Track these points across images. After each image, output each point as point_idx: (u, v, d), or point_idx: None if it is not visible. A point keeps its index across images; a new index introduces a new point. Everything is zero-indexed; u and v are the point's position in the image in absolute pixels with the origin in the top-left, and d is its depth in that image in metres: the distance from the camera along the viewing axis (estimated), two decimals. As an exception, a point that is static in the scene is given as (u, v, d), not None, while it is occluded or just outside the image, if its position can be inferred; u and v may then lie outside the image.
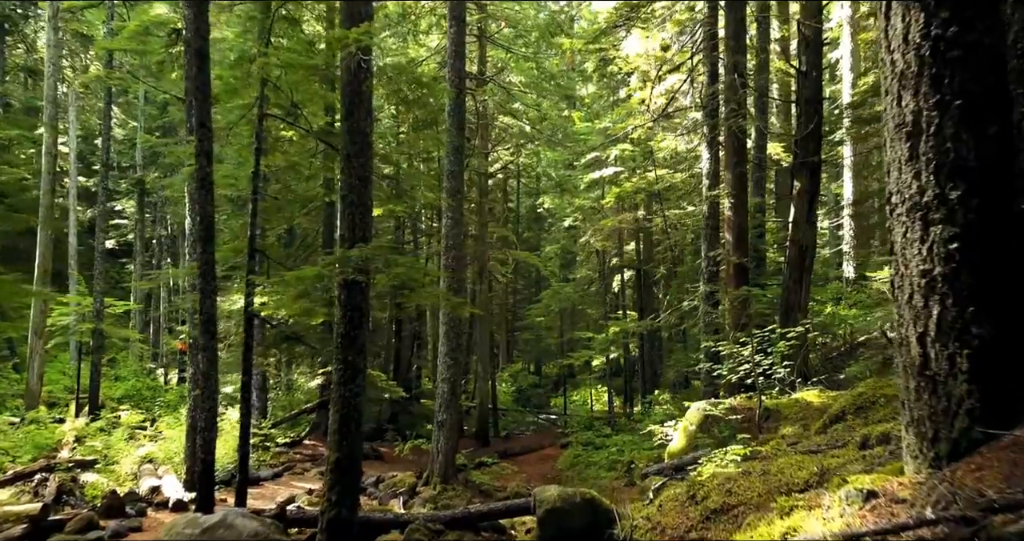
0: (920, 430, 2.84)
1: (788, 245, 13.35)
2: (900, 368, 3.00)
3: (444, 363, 14.65)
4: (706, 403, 9.10)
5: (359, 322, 7.31)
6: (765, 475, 3.94)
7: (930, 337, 2.80)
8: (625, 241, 27.27)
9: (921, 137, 2.86)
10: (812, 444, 5.08)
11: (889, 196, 3.04)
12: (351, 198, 7.43)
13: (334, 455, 7.13)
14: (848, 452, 4.05)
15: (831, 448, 4.63)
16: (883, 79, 3.10)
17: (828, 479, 3.47)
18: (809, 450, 4.74)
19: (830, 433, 5.58)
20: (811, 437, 6.07)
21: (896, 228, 2.99)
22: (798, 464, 3.95)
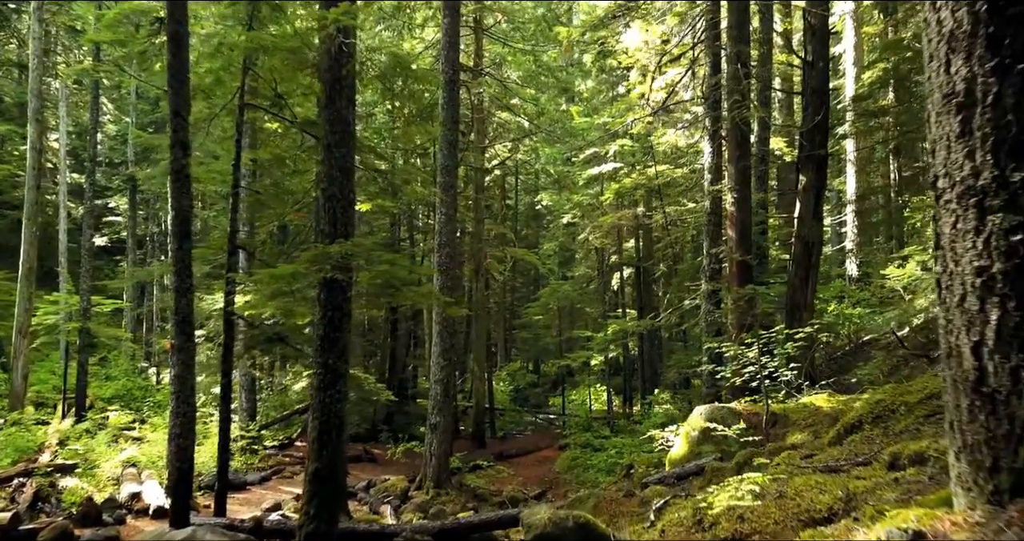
0: (975, 457, 2.38)
1: (793, 242, 12.88)
2: (948, 383, 2.54)
3: (437, 364, 14.20)
4: (710, 408, 8.64)
5: (340, 323, 6.86)
6: (781, 499, 3.49)
7: (987, 347, 2.34)
8: (624, 238, 26.81)
9: (975, 109, 2.39)
10: (829, 459, 4.62)
11: (934, 180, 2.58)
12: (332, 191, 6.97)
13: (313, 465, 6.67)
14: (875, 472, 3.60)
15: (852, 465, 4.17)
16: (926, 43, 2.64)
17: (856, 507, 3.02)
18: (828, 467, 4.28)
19: (847, 445, 5.12)
20: (825, 448, 5.61)
21: (943, 217, 2.52)
22: (819, 486, 3.50)
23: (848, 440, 5.29)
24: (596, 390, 30.30)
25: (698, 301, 13.35)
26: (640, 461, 15.11)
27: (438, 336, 14.24)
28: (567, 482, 16.82)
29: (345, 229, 6.93)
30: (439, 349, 14.20)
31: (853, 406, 7.62)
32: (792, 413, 8.29)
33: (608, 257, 27.10)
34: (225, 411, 8.85)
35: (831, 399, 8.52)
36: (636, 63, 17.60)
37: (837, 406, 8.05)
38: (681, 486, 7.49)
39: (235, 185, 9.15)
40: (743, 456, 7.00)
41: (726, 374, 9.65)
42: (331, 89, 7.08)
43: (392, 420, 24.34)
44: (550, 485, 16.75)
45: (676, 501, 4.81)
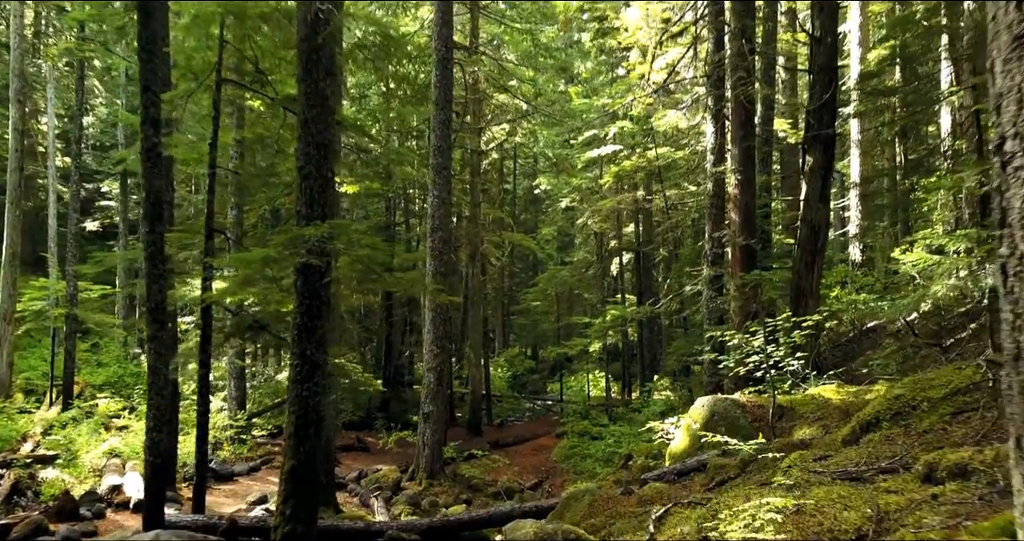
0: (1051, 484, 1.93)
1: (799, 225, 12.40)
2: (1011, 389, 2.09)
3: (430, 351, 13.78)
4: (712, 400, 8.21)
5: (318, 311, 6.40)
6: (799, 515, 3.05)
7: (1069, 348, 1.88)
8: (624, 223, 26.31)
9: (1056, 52, 1.92)
10: (848, 462, 4.18)
11: (999, 143, 2.11)
12: (308, 169, 6.49)
13: (289, 462, 6.25)
14: (907, 485, 3.15)
15: (876, 471, 3.73)
16: (988, -24, 2.16)
17: (891, 530, 2.57)
18: (848, 473, 3.84)
19: (865, 446, 4.68)
20: (839, 448, 5.17)
21: (1012, 188, 2.06)
22: (842, 500, 3.06)
23: (865, 440, 4.85)
24: (595, 376, 29.94)
25: (699, 287, 12.90)
26: (639, 451, 14.72)
27: (431, 323, 13.80)
28: (564, 471, 16.45)
29: (323, 210, 6.45)
30: (432, 336, 13.77)
31: (865, 399, 7.19)
32: (799, 405, 7.86)
33: (607, 242, 26.60)
34: (203, 404, 8.41)
35: (840, 391, 8.09)
36: (636, 43, 17.04)
37: (847, 398, 7.62)
38: (682, 483, 7.08)
39: (211, 165, 8.66)
40: (748, 453, 6.58)
41: (729, 363, 9.21)
42: (307, 60, 6.58)
43: (388, 407, 23.99)
44: (546, 475, 16.39)
45: (678, 510, 4.37)
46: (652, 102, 19.12)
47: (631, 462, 14.89)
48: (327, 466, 10.85)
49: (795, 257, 12.41)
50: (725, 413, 7.93)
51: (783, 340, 8.23)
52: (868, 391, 7.63)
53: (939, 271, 7.96)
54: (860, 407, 6.92)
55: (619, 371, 28.07)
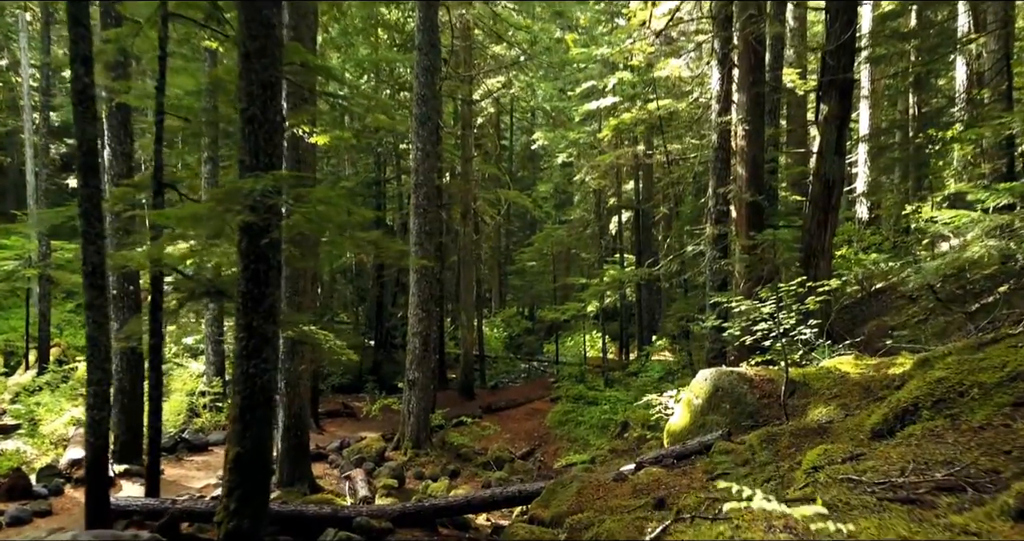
0: None
1: (810, 180, 11.50)
2: None
3: (415, 315, 12.99)
4: (716, 373, 7.42)
5: (266, 277, 5.55)
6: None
7: None
8: (624, 179, 25.31)
9: None
10: (889, 467, 3.36)
11: None
12: (252, 112, 5.56)
13: (234, 450, 5.47)
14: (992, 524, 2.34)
15: (931, 486, 2.93)
16: None
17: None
18: (894, 487, 3.03)
19: (904, 441, 3.87)
20: (869, 440, 4.37)
21: None
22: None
23: (904, 434, 4.04)
24: (592, 336, 29.27)
25: (702, 247, 12.03)
26: (635, 419, 14.07)
27: (416, 285, 12.98)
28: (557, 438, 15.83)
29: (270, 160, 5.54)
30: (417, 299, 12.97)
31: (889, 374, 6.39)
32: (813, 380, 7.07)
33: (606, 199, 25.62)
34: (155, 377, 7.63)
35: (858, 363, 7.29)
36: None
37: (867, 373, 6.82)
38: (682, 468, 6.32)
39: (159, 112, 7.70)
40: (757, 436, 5.80)
41: (734, 331, 8.40)
42: (248, -18, 5.59)
43: (380, 369, 23.37)
44: (539, 442, 15.77)
45: (678, 528, 3.58)
46: (653, 51, 17.98)
47: (627, 432, 14.28)
48: (301, 439, 10.14)
49: (806, 215, 11.53)
50: (730, 388, 7.15)
51: (795, 307, 7.40)
52: (891, 364, 6.83)
53: (978, 230, 7.09)
54: (884, 384, 6.13)
55: (617, 331, 27.35)
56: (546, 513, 6.11)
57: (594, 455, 12.57)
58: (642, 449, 11.36)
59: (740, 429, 6.80)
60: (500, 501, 7.03)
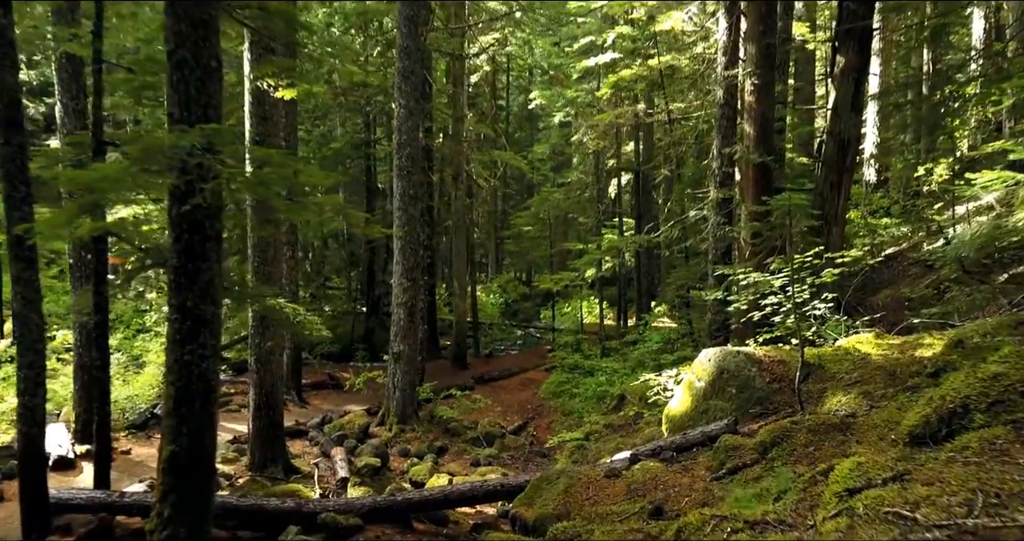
0: None
1: (824, 139, 10.64)
2: None
3: (400, 285, 12.24)
4: (721, 353, 6.68)
5: (203, 250, 4.77)
6: None
7: None
8: (623, 140, 24.34)
9: None
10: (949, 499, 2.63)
11: None
12: (181, 54, 4.72)
13: (168, 448, 4.76)
14: None
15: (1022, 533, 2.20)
16: None
17: None
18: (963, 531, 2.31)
19: (956, 456, 3.14)
20: (907, 445, 3.64)
21: None
22: None
23: (956, 445, 3.30)
24: (590, 302, 28.59)
25: (705, 212, 11.22)
26: (632, 391, 13.41)
27: (400, 253, 12.20)
28: (551, 411, 15.22)
29: (204, 112, 4.72)
30: (402, 267, 12.20)
31: (916, 356, 5.65)
32: (830, 362, 6.34)
33: (605, 161, 24.66)
34: (101, 357, 6.92)
35: (880, 342, 6.55)
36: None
37: (891, 354, 6.09)
38: (682, 463, 5.63)
39: (96, 60, 6.83)
40: (769, 431, 5.08)
41: (740, 305, 7.63)
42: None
43: (372, 336, 22.66)
44: (533, 414, 15.15)
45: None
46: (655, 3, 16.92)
47: (624, 405, 13.64)
48: (273, 418, 9.49)
49: (818, 177, 10.71)
50: (736, 371, 6.42)
51: (809, 279, 6.62)
52: (917, 344, 6.09)
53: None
54: (913, 369, 5.39)
55: (615, 297, 26.61)
56: (529, 513, 5.44)
57: (589, 431, 11.94)
58: (639, 426, 10.72)
59: (748, 417, 6.09)
60: (480, 496, 6.36)
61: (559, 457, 11.55)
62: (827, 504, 3.12)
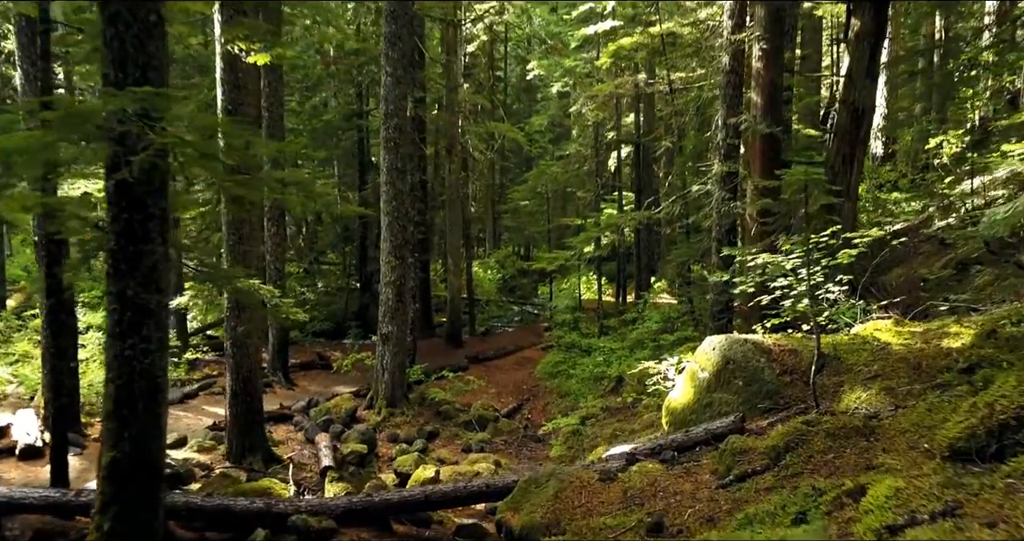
0: None
1: (836, 108, 10.01)
2: None
3: (387, 263, 11.69)
4: (727, 342, 6.14)
5: (145, 231, 4.21)
6: None
7: None
8: (624, 112, 23.59)
9: None
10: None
11: None
12: (115, 8, 4.11)
13: (108, 454, 4.24)
14: None
15: None
16: None
17: None
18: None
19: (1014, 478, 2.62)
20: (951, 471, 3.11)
21: None
22: None
23: (1015, 470, 2.77)
24: (588, 277, 28.05)
25: (708, 186, 10.62)
26: (631, 374, 12.94)
27: (387, 229, 11.62)
28: (547, 392, 14.77)
29: (142, 73, 4.12)
30: (389, 245, 11.64)
31: (942, 347, 5.11)
32: (846, 352, 5.80)
33: (604, 133, 23.92)
34: (58, 343, 6.40)
35: (900, 330, 6.01)
36: None
37: (914, 344, 5.56)
38: (684, 465, 5.12)
39: (44, 21, 6.20)
40: (782, 433, 4.56)
41: (745, 287, 7.05)
42: None
43: (366, 313, 22.11)
44: (528, 396, 14.71)
45: None
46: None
47: (622, 388, 13.16)
48: (251, 405, 8.99)
49: (829, 149, 10.10)
50: (744, 361, 5.89)
51: (824, 261, 6.05)
52: (942, 333, 5.55)
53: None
54: (941, 363, 4.86)
55: (613, 272, 26.04)
56: (516, 520, 4.95)
57: (585, 415, 11.48)
58: (637, 410, 10.24)
59: (756, 413, 5.58)
60: (464, 497, 5.86)
61: (554, 443, 11.10)
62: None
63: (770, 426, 5.26)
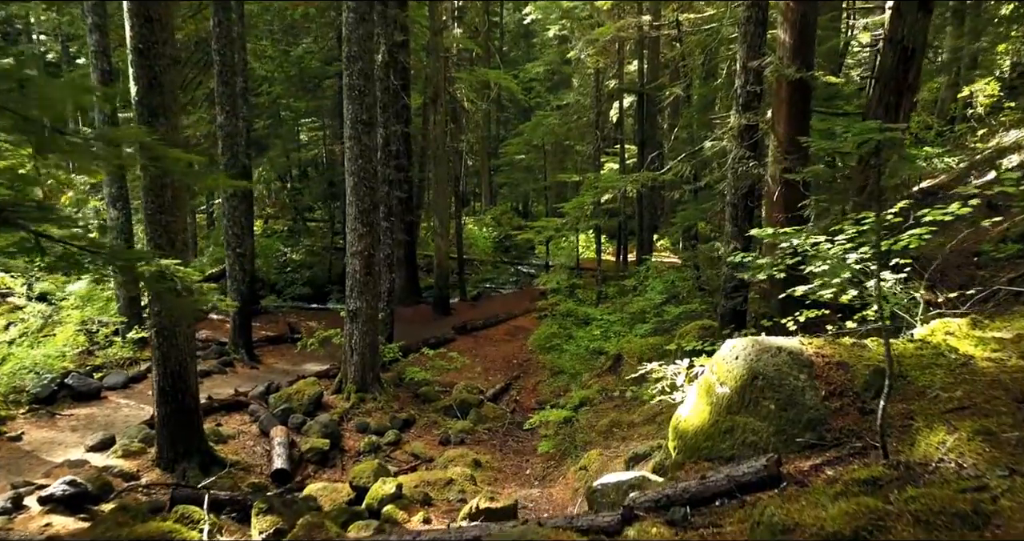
0: None
1: (880, 48, 8.42)
2: None
3: (354, 231, 10.26)
4: (755, 348, 4.71)
5: None
6: None
7: None
8: (626, 59, 21.76)
9: None
10: None
11: None
12: None
13: None
14: None
15: None
16: None
17: None
18: None
19: None
20: None
21: None
22: None
23: None
24: (587, 235, 26.58)
25: (724, 142, 9.07)
26: (630, 351, 11.60)
27: (352, 192, 10.14)
28: (539, 368, 13.47)
29: None
30: (356, 210, 10.17)
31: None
32: (913, 368, 4.40)
33: (605, 82, 22.11)
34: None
35: (982, 335, 4.61)
36: None
37: (1008, 359, 4.16)
38: (699, 531, 3.76)
39: None
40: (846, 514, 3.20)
41: (773, 269, 5.61)
42: None
43: (350, 277, 20.76)
44: (518, 373, 13.42)
45: None
46: None
47: (620, 367, 11.84)
48: (183, 402, 7.65)
49: (869, 97, 8.55)
50: (777, 377, 4.50)
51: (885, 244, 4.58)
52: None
53: None
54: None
55: (614, 228, 24.50)
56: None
57: (580, 397, 10.18)
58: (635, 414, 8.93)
59: (794, 448, 4.22)
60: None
61: (543, 433, 9.84)
62: None
63: (815, 471, 3.91)
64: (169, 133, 6.75)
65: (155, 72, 7.01)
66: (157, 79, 7.03)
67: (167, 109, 7.13)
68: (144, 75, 6.98)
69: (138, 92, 7.00)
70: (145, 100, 7.01)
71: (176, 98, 7.31)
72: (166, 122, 7.09)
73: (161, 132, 6.65)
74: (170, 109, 7.18)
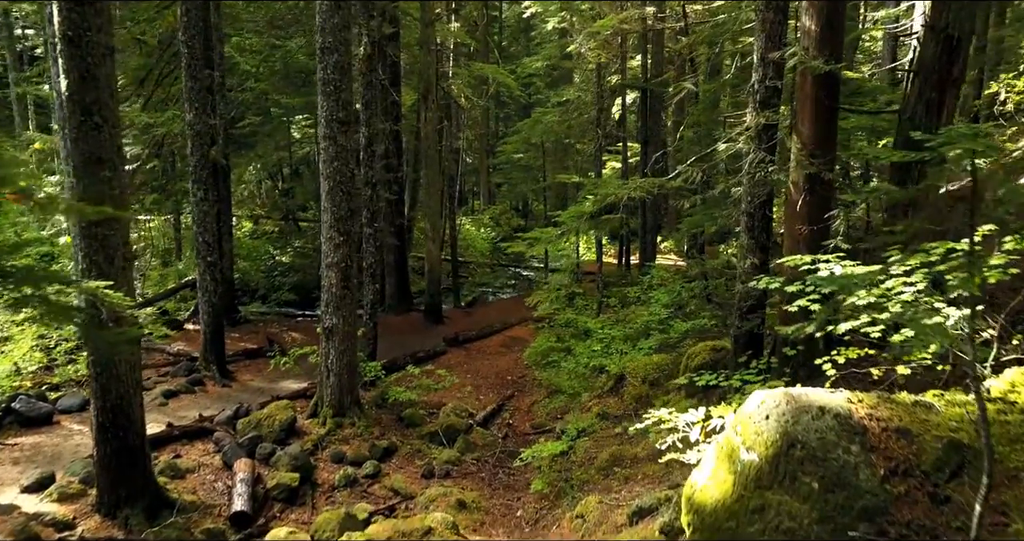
0: None
1: (919, 37, 7.48)
2: None
3: (329, 240, 9.34)
4: (792, 406, 3.77)
5: None
6: None
7: None
8: (629, 53, 20.78)
9: None
10: None
11: None
12: None
13: None
14: None
15: None
16: None
17: None
18: None
19: None
20: None
21: None
22: None
23: None
24: (588, 237, 25.63)
25: (740, 144, 8.12)
26: (633, 371, 10.68)
27: (328, 197, 9.21)
28: (535, 386, 12.55)
29: None
30: (331, 217, 9.24)
31: None
32: (995, 437, 3.45)
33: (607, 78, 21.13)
34: None
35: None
36: None
37: None
38: None
39: None
40: None
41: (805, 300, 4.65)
42: None
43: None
44: (512, 392, 12.49)
45: None
46: None
47: (622, 388, 10.91)
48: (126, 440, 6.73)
49: (905, 93, 7.61)
50: (821, 448, 3.56)
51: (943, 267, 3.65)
52: None
53: None
54: None
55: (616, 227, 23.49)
56: None
57: (577, 431, 9.22)
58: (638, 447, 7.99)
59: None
60: None
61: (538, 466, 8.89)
62: None
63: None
64: (105, 132, 5.84)
65: (88, 63, 6.09)
66: (91, 71, 6.12)
67: (103, 105, 6.21)
68: (75, 67, 6.07)
69: (69, 86, 6.09)
70: (76, 95, 6.09)
71: (114, 94, 6.37)
72: (101, 119, 6.17)
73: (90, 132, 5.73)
74: (106, 105, 6.26)
